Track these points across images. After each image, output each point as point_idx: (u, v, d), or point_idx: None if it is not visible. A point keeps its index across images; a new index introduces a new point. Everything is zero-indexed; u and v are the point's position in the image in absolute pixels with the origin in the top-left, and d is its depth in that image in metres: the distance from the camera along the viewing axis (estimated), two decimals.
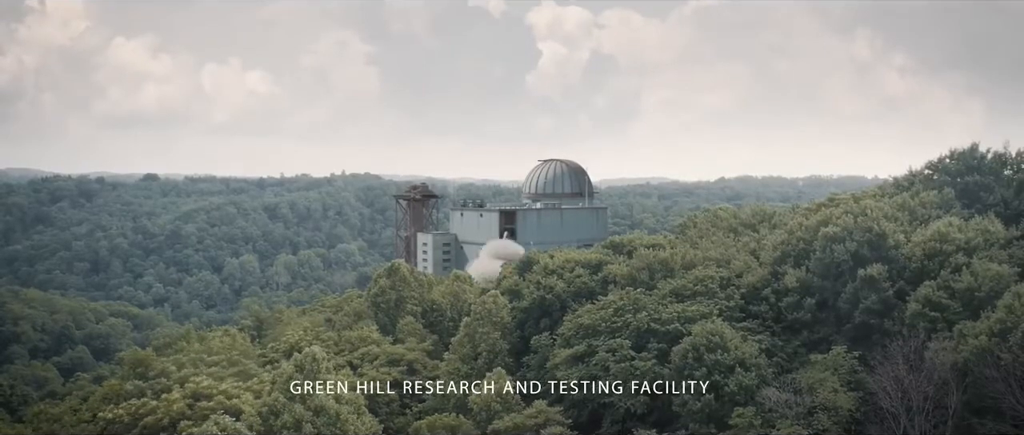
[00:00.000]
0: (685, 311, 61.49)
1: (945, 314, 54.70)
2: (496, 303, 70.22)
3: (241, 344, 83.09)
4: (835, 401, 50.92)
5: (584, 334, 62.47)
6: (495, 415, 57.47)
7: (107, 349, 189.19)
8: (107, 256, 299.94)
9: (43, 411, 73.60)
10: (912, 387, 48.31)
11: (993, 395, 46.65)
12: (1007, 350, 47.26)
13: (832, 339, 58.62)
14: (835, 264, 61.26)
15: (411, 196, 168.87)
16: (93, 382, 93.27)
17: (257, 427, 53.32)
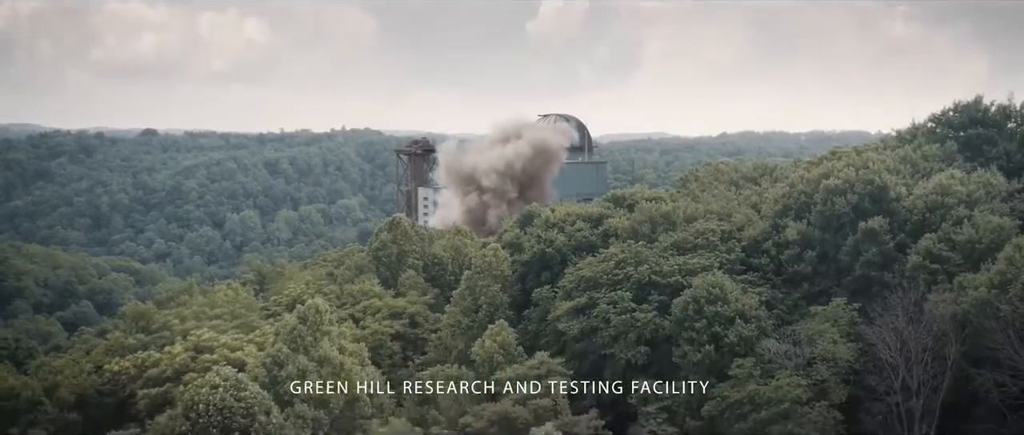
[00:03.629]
0: (686, 264, 61.64)
1: (945, 266, 54.86)
2: (497, 256, 70.35)
3: (243, 298, 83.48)
4: (834, 352, 51.29)
5: (585, 287, 62.71)
6: (497, 366, 57.89)
7: (110, 304, 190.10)
8: (108, 212, 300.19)
9: (47, 363, 74.18)
10: (911, 338, 48.64)
11: (992, 346, 46.97)
12: (1007, 301, 47.50)
13: (832, 291, 58.83)
14: (836, 217, 61.26)
15: (412, 151, 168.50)
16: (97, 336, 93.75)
17: (261, 379, 53.79)
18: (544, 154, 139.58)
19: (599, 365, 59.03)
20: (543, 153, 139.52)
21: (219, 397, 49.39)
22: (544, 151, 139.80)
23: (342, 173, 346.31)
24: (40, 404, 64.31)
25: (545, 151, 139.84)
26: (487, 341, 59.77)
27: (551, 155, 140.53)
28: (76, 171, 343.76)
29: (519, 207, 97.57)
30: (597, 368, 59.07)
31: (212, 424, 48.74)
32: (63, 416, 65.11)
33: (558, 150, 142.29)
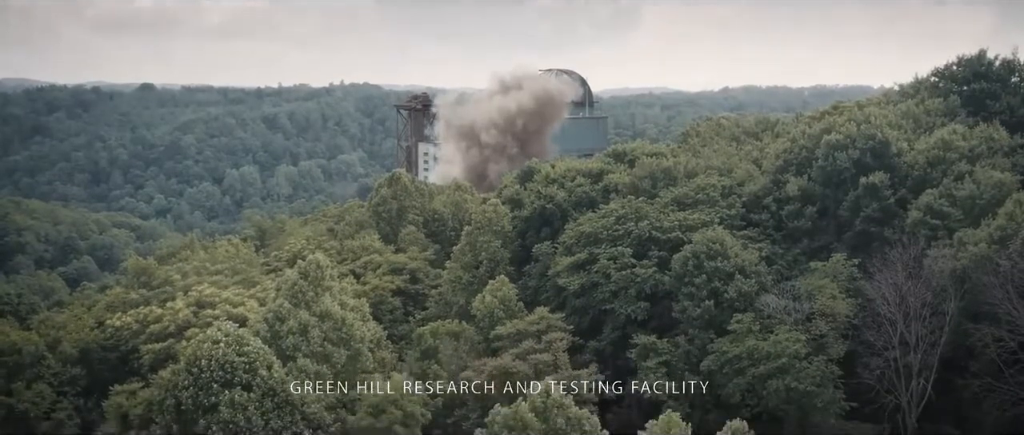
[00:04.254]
0: (686, 219, 61.59)
1: (946, 222, 54.84)
2: (497, 212, 70.31)
3: (244, 253, 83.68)
4: (833, 307, 51.45)
5: (585, 242, 62.73)
6: (497, 322, 58.16)
7: (111, 259, 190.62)
8: (107, 167, 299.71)
9: (50, 319, 74.61)
10: (910, 294, 48.76)
11: (990, 301, 47.11)
12: (1006, 257, 47.56)
13: (832, 247, 58.89)
14: (837, 172, 61.09)
15: (411, 106, 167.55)
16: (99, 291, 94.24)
17: (263, 334, 54.05)
18: (546, 104, 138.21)
19: (599, 320, 59.29)
20: (545, 103, 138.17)
21: (221, 352, 49.66)
22: (546, 101, 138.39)
23: (341, 128, 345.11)
24: (43, 358, 64.83)
25: (547, 101, 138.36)
26: (487, 296, 59.98)
27: (553, 105, 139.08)
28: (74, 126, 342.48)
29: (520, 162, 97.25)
30: (597, 323, 59.34)
31: (214, 379, 49.08)
32: (67, 370, 65.68)
33: (560, 99, 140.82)
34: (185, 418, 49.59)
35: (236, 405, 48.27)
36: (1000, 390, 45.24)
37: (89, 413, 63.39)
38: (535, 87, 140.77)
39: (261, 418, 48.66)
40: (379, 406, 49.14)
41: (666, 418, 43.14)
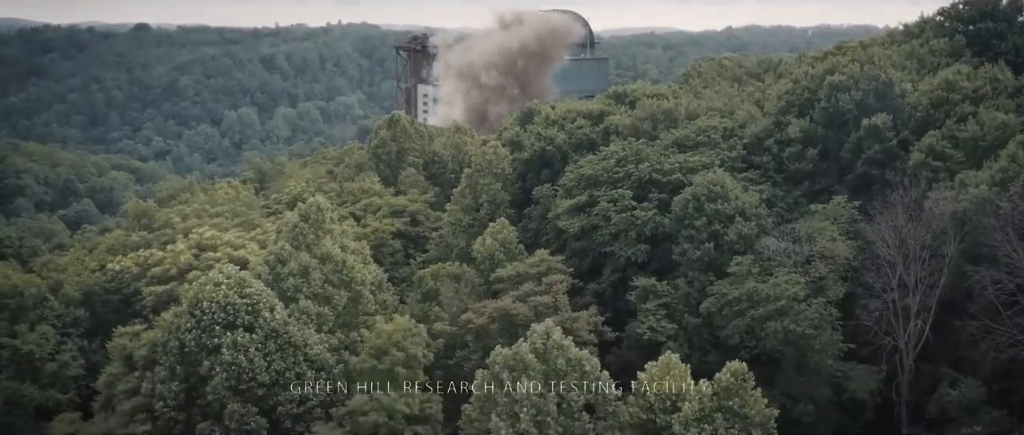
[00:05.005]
0: (687, 161, 61.35)
1: (948, 164, 54.64)
2: (497, 154, 69.99)
3: (244, 196, 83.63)
4: (833, 250, 51.50)
5: (585, 185, 62.56)
6: (498, 264, 58.30)
7: (111, 202, 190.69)
8: (104, 109, 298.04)
9: (51, 261, 74.81)
10: (910, 236, 48.77)
11: (990, 244, 47.14)
12: (1007, 199, 47.45)
13: (833, 189, 58.76)
14: (839, 114, 60.66)
15: (411, 47, 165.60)
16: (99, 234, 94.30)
17: (264, 276, 54.25)
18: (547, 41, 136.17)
19: (599, 263, 59.45)
20: (546, 41, 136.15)
21: (223, 294, 49.95)
22: (547, 37, 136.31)
23: (340, 69, 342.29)
24: (46, 300, 65.13)
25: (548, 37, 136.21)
26: (488, 239, 60.04)
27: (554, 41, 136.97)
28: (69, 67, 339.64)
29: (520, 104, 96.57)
30: (597, 266, 59.51)
31: (217, 321, 49.46)
32: (70, 312, 66.05)
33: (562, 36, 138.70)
34: (189, 360, 50.12)
35: (239, 347, 48.73)
36: (997, 332, 45.51)
37: (93, 354, 63.93)
38: (536, 23, 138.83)
39: (264, 360, 49.16)
40: (381, 348, 49.54)
41: (665, 359, 43.58)
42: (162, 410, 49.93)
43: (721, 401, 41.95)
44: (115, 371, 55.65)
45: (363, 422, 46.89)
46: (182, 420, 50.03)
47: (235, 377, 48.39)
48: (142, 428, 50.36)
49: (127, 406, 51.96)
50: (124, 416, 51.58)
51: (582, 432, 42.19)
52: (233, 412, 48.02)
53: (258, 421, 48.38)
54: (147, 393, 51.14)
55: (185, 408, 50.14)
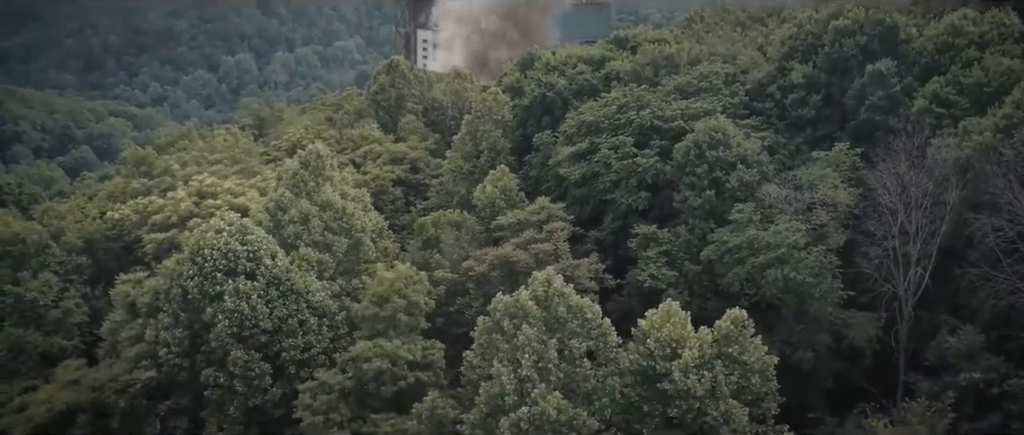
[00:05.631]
0: (689, 108, 60.88)
1: (952, 110, 54.24)
2: (497, 101, 69.48)
3: (243, 143, 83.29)
4: (834, 197, 51.36)
5: (586, 131, 62.17)
6: (499, 211, 58.24)
7: (109, 149, 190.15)
8: (100, 54, 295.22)
9: (52, 209, 74.80)
10: (912, 183, 48.61)
11: (992, 191, 47.01)
12: (1011, 146, 47.19)
13: (835, 136, 58.41)
14: (843, 59, 60.05)
15: None
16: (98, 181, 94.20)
17: (265, 223, 54.25)
18: None
19: (600, 210, 59.38)
20: None
21: (224, 242, 50.03)
22: None
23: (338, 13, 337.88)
24: (48, 248, 65.21)
25: None
26: (488, 186, 59.89)
27: None
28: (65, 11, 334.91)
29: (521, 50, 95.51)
30: (598, 213, 59.45)
31: (218, 268, 49.61)
32: (72, 259, 66.21)
33: None
34: (191, 307, 50.40)
35: (241, 294, 48.96)
36: (997, 279, 45.63)
37: (96, 301, 64.25)
38: None
39: (266, 307, 49.42)
40: (383, 295, 49.76)
41: (666, 307, 43.82)
42: (166, 357, 50.40)
43: (721, 348, 42.34)
44: (118, 318, 56.03)
45: (366, 368, 47.36)
46: (187, 366, 50.54)
47: (238, 324, 48.71)
48: (147, 374, 50.95)
49: (131, 353, 52.46)
50: (129, 362, 52.10)
51: (583, 378, 42.63)
52: (237, 358, 48.46)
53: (262, 367, 48.86)
54: (151, 340, 51.57)
55: (189, 355, 50.59)
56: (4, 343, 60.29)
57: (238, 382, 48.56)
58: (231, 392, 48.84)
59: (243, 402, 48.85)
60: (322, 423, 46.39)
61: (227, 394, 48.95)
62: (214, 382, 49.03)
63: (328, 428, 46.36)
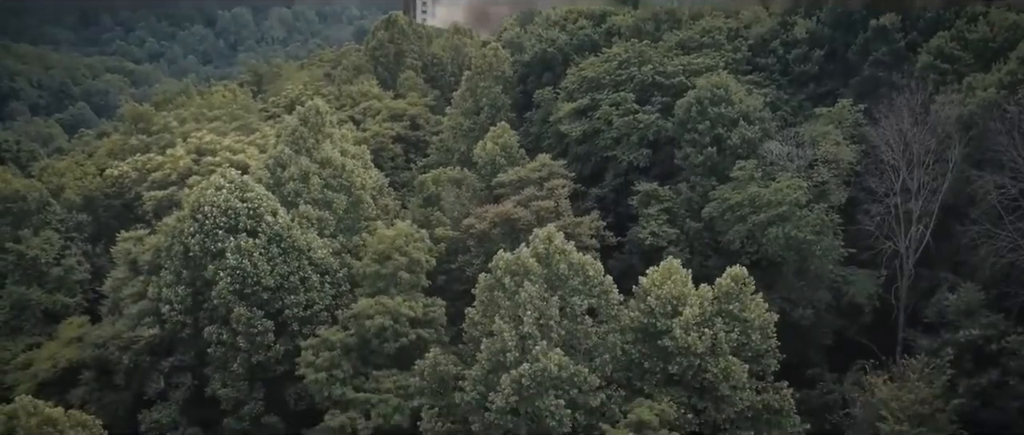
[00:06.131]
0: (690, 63, 60.41)
1: (956, 66, 53.75)
2: (497, 56, 68.90)
3: (242, 99, 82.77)
4: (837, 154, 51.13)
5: (587, 87, 61.74)
6: (499, 168, 58.06)
7: (107, 105, 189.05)
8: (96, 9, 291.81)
9: (50, 166, 74.61)
10: (915, 140, 48.37)
11: (995, 148, 46.81)
12: (1015, 103, 46.86)
13: (838, 92, 57.97)
14: (847, 14, 59.37)
15: None
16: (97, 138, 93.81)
17: (265, 180, 54.10)
18: None
19: (601, 167, 59.21)
20: None
21: (224, 199, 49.92)
22: None
23: None
24: (48, 205, 65.19)
25: None
26: (489, 143, 59.62)
27: None
28: None
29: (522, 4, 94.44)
30: (599, 170, 59.30)
31: (219, 225, 49.56)
32: (72, 217, 66.23)
33: None
34: (193, 264, 50.46)
35: (243, 251, 48.98)
36: (998, 237, 45.62)
37: (98, 259, 64.41)
38: None
39: (268, 264, 49.48)
40: (384, 253, 49.80)
41: (667, 264, 43.93)
42: (169, 314, 50.59)
43: (721, 305, 42.54)
44: (120, 275, 56.17)
45: (368, 325, 47.58)
46: (189, 323, 50.75)
47: (240, 281, 48.82)
48: (150, 331, 51.18)
49: (134, 310, 52.66)
50: (132, 319, 52.32)
51: (584, 335, 42.88)
52: (239, 315, 48.65)
53: (264, 324, 49.06)
54: (153, 297, 51.72)
55: (192, 311, 50.78)
56: (7, 300, 60.58)
57: (241, 339, 48.82)
58: (234, 349, 49.12)
59: (246, 359, 49.16)
60: (325, 379, 46.73)
61: (230, 351, 49.23)
62: (217, 339, 49.27)
63: (331, 384, 46.72)
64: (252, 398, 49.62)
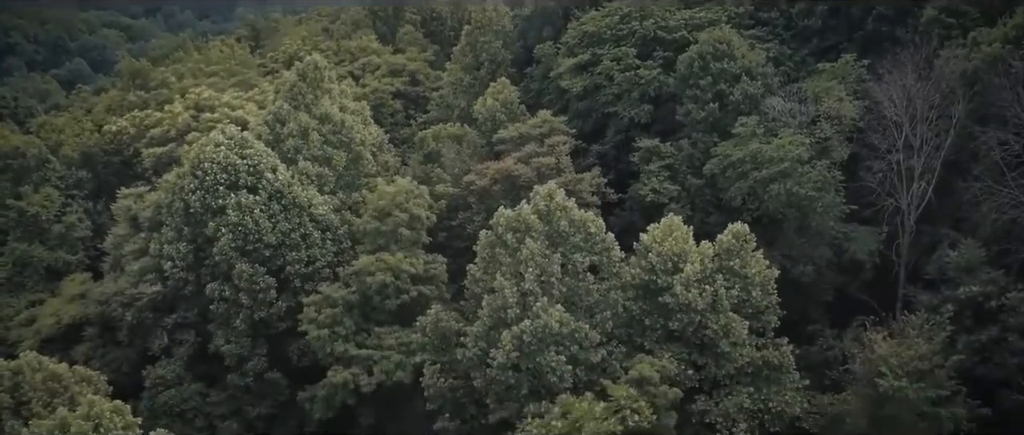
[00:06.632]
0: (693, 18, 59.73)
1: (961, 21, 53.01)
2: (497, 11, 68.23)
3: (239, 54, 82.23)
4: (840, 110, 50.71)
5: (588, 42, 61.12)
6: (499, 125, 57.78)
7: (104, 61, 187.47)
8: None
9: (49, 122, 74.32)
10: (918, 96, 47.95)
11: (999, 104, 46.43)
12: (1019, 57, 46.37)
13: (842, 47, 57.33)
14: None
15: None
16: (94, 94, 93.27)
17: (264, 137, 53.88)
18: None
19: (602, 123, 58.87)
20: None
21: (224, 155, 49.75)
22: None
23: None
24: (48, 162, 65.08)
25: None
26: (489, 99, 59.29)
27: None
28: None
29: None
30: (600, 126, 58.97)
31: (219, 182, 49.45)
32: (72, 173, 66.15)
33: None
34: (194, 221, 50.47)
35: (243, 208, 48.94)
36: (1000, 193, 45.41)
37: (98, 216, 64.44)
38: None
39: (269, 221, 49.48)
40: (384, 209, 49.76)
41: (668, 221, 43.87)
42: (171, 270, 50.71)
43: (722, 262, 42.57)
44: (121, 232, 56.25)
45: (369, 282, 47.71)
46: (192, 280, 50.90)
47: (242, 238, 48.87)
48: (153, 288, 51.35)
49: (136, 267, 52.80)
50: (134, 276, 52.49)
51: (585, 292, 43.00)
52: (241, 272, 48.77)
53: (266, 280, 49.22)
54: (155, 254, 51.81)
55: (194, 268, 50.90)
56: (9, 257, 60.79)
57: (243, 295, 48.98)
58: (237, 305, 49.32)
59: (249, 315, 49.39)
60: (327, 336, 47.00)
61: (233, 307, 49.44)
62: (219, 295, 49.45)
63: (333, 341, 46.99)
64: (255, 354, 49.98)
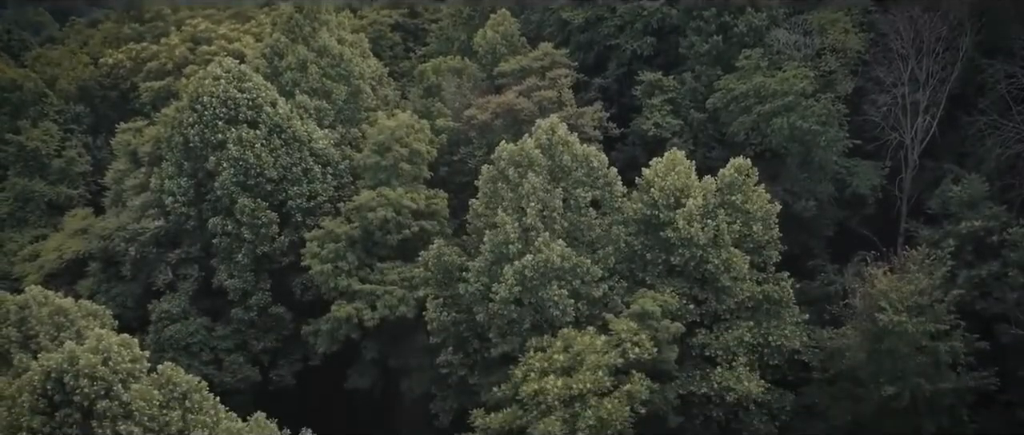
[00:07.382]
0: None
1: None
2: None
3: None
4: (845, 42, 50.01)
5: None
6: (500, 58, 57.03)
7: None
8: None
9: (44, 55, 73.36)
10: (925, 28, 47.28)
11: (1008, 36, 45.88)
12: None
13: None
14: None
15: None
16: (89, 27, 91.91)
17: (262, 70, 53.30)
18: None
19: (604, 56, 58.09)
20: None
21: (223, 88, 49.28)
22: None
23: None
24: (45, 96, 64.53)
25: None
26: (489, 31, 58.30)
27: None
28: None
29: None
30: (602, 59, 58.21)
31: (219, 116, 49.09)
32: (70, 108, 65.64)
33: None
34: (194, 155, 50.24)
35: (244, 142, 48.68)
36: (1005, 127, 45.15)
37: (98, 151, 64.15)
38: None
39: (270, 155, 49.26)
40: (384, 144, 49.47)
41: (670, 155, 43.66)
42: (173, 205, 50.64)
43: (724, 197, 42.52)
44: (122, 167, 56.06)
45: (371, 217, 47.71)
46: (194, 215, 50.89)
47: (243, 172, 48.74)
48: (155, 223, 51.32)
49: (137, 201, 52.72)
50: (135, 211, 52.44)
51: (588, 227, 43.06)
52: (243, 206, 48.74)
53: (268, 215, 49.23)
54: (156, 188, 51.69)
55: (195, 203, 50.86)
56: (11, 192, 60.66)
57: (246, 230, 49.03)
58: (239, 240, 49.41)
59: (251, 250, 49.51)
60: (330, 271, 47.20)
61: (235, 242, 49.53)
62: (222, 230, 49.49)
63: (336, 276, 47.20)
64: (259, 289, 50.25)
